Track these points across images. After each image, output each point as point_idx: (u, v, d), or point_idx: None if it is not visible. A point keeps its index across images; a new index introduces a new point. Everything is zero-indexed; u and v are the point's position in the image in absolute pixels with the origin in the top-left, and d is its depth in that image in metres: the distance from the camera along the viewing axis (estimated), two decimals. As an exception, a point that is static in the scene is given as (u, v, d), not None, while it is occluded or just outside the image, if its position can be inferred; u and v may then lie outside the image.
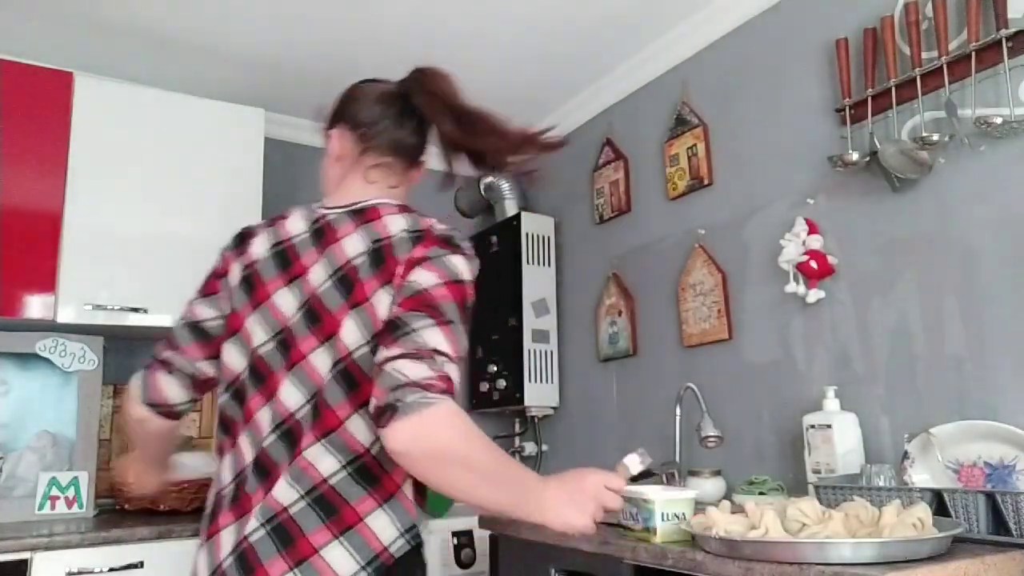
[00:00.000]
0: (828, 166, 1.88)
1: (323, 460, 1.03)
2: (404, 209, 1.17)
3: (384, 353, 0.97)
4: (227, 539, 1.05)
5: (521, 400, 2.80)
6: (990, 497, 1.29)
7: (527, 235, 2.93)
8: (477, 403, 3.07)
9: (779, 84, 2.12)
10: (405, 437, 0.92)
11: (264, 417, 1.08)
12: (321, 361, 1.06)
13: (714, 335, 2.22)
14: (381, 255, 1.08)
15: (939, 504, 1.35)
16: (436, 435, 0.93)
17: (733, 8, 2.24)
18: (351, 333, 1.05)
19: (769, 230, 2.07)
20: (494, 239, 3.08)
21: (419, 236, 1.10)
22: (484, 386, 3.00)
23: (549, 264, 2.96)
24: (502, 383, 2.87)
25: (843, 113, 1.87)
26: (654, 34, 2.45)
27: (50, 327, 2.24)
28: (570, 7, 2.28)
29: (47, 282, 2.15)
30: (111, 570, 1.86)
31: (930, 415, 1.65)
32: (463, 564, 2.36)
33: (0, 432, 2.21)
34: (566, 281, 2.95)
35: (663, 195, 2.48)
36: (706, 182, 2.31)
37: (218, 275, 1.24)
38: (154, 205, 2.31)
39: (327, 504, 1.01)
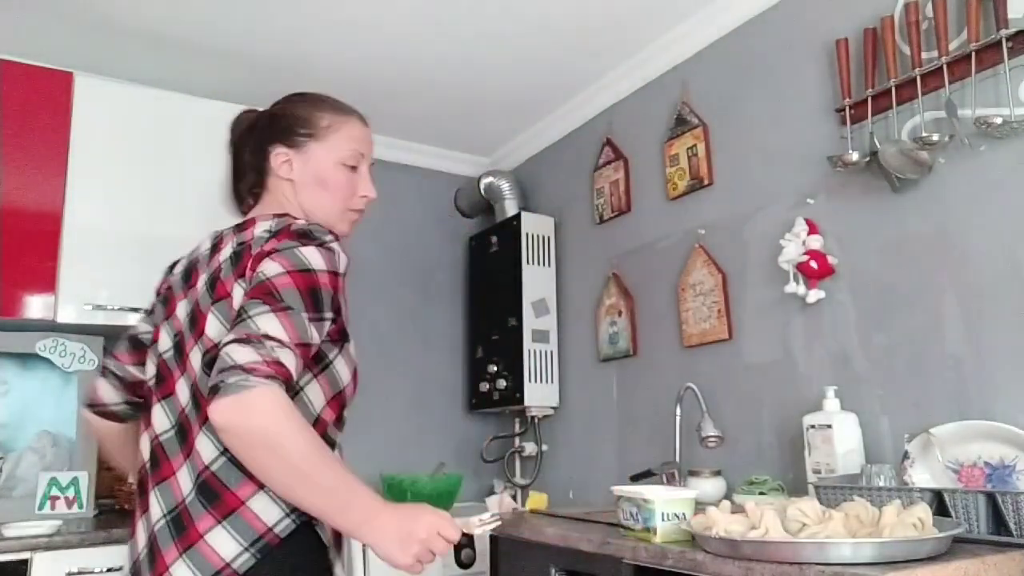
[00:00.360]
0: (828, 166, 1.88)
1: (204, 447, 1.08)
2: (281, 216, 1.22)
3: (224, 339, 1.02)
4: (140, 530, 1.14)
5: (521, 400, 2.80)
6: (990, 497, 1.29)
7: (527, 235, 2.93)
8: (477, 403, 3.07)
9: (779, 84, 2.12)
10: (221, 417, 0.95)
11: (159, 416, 1.17)
12: (195, 357, 1.14)
13: (714, 335, 2.22)
14: (240, 254, 1.16)
15: (939, 504, 1.35)
16: (249, 416, 0.95)
17: (733, 8, 2.24)
18: (212, 327, 1.13)
19: (769, 230, 2.07)
20: (494, 239, 3.08)
21: (275, 233, 1.15)
22: (484, 386, 3.00)
23: (549, 264, 2.96)
24: (502, 383, 2.87)
25: (843, 113, 1.87)
26: (654, 34, 2.45)
27: (50, 327, 2.24)
28: (570, 7, 2.28)
29: (47, 282, 2.15)
30: (111, 570, 1.86)
31: (930, 415, 1.65)
32: (463, 564, 2.36)
33: (0, 432, 2.22)
34: (566, 281, 2.95)
35: (663, 195, 2.48)
36: (706, 182, 2.31)
37: (156, 294, 1.37)
38: (154, 205, 2.31)
39: (209, 490, 1.06)
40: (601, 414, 2.68)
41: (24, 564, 1.78)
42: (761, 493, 1.81)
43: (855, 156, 1.80)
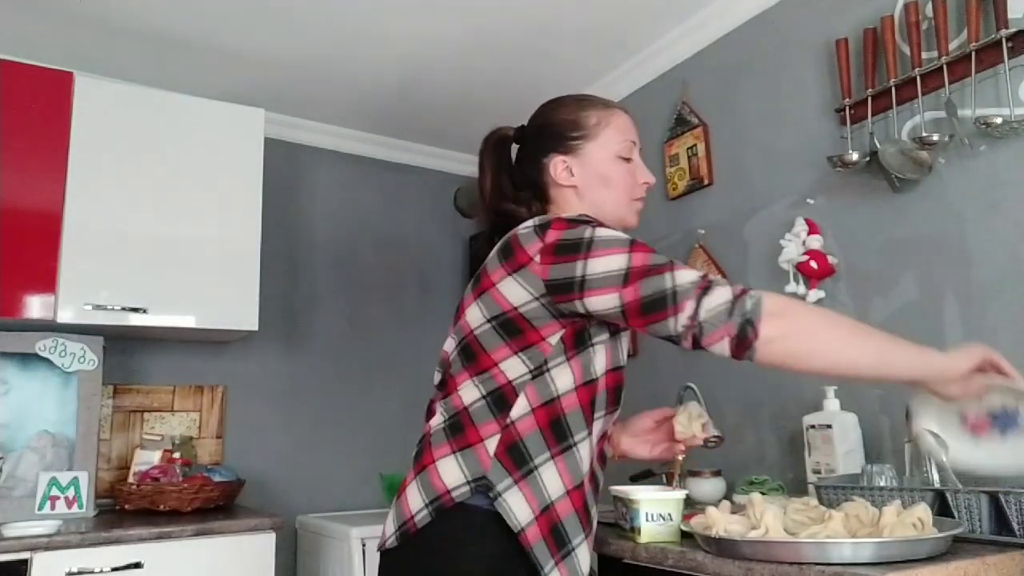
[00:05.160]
0: (828, 166, 1.88)
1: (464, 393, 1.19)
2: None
3: (656, 329, 1.07)
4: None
5: (521, 400, 2.79)
6: (993, 497, 1.29)
7: (527, 235, 2.92)
8: (477, 403, 3.07)
9: (779, 84, 2.12)
10: (767, 330, 1.03)
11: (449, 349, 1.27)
12: (451, 341, 1.25)
13: (714, 335, 2.21)
14: (508, 246, 1.19)
15: (941, 503, 1.34)
16: (794, 316, 1.05)
17: (733, 8, 2.24)
18: (472, 313, 1.19)
19: (769, 230, 2.07)
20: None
21: (548, 227, 1.16)
22: (484, 386, 2.99)
23: (549, 264, 2.95)
24: (502, 383, 2.86)
25: (843, 113, 1.87)
26: (654, 34, 2.45)
27: (50, 327, 2.24)
28: (570, 7, 2.28)
29: (47, 282, 2.15)
30: (111, 570, 1.86)
31: (930, 415, 1.65)
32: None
33: (0, 432, 2.21)
34: (566, 281, 2.94)
35: (663, 195, 2.48)
36: (706, 182, 2.31)
37: None
38: (154, 205, 2.31)
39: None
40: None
41: (24, 564, 1.78)
42: (761, 493, 1.80)
43: (855, 156, 1.80)
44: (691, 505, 1.89)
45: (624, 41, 2.49)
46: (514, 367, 1.13)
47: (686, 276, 1.06)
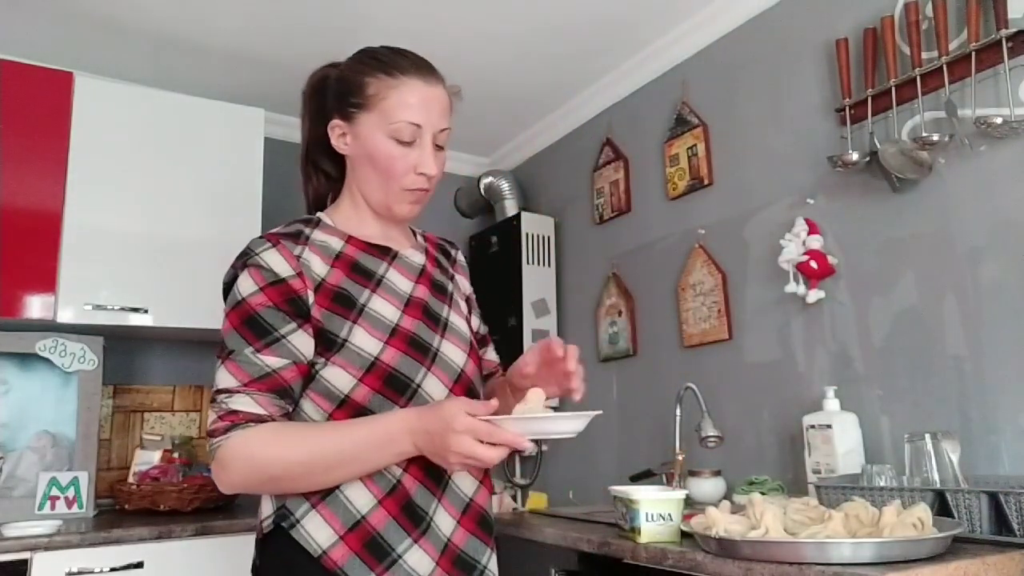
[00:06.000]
0: (828, 166, 1.88)
1: None
2: None
3: None
4: None
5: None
6: (993, 497, 1.29)
7: (527, 235, 2.93)
8: (477, 403, 3.07)
9: (779, 84, 2.12)
10: (218, 483, 1.04)
11: None
12: None
13: (714, 335, 2.22)
14: None
15: (941, 503, 1.34)
16: (229, 471, 1.01)
17: (733, 8, 2.24)
18: None
19: (769, 230, 2.07)
20: (494, 239, 3.08)
21: None
22: (484, 386, 3.00)
23: (549, 264, 2.96)
24: (502, 383, 2.87)
25: (843, 113, 1.87)
26: (654, 34, 2.45)
27: (50, 327, 2.24)
28: (570, 7, 2.28)
29: (47, 282, 2.15)
30: (111, 570, 1.86)
31: (930, 415, 1.65)
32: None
33: (0, 432, 2.22)
34: (566, 281, 2.95)
35: (663, 195, 2.48)
36: (706, 182, 2.31)
37: None
38: (154, 205, 2.31)
39: None
40: (601, 414, 2.67)
41: (24, 564, 1.78)
42: (761, 493, 1.80)
43: (855, 156, 1.80)
44: (691, 505, 1.89)
45: (624, 41, 2.49)
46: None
47: (219, 378, 1.04)
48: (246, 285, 1.08)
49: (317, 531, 1.04)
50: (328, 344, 1.07)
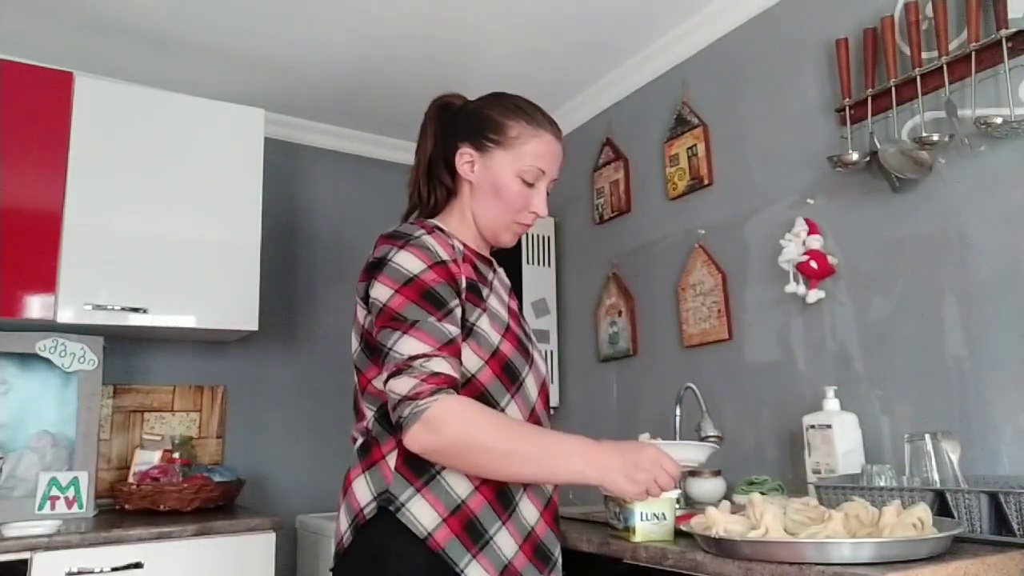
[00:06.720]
0: (828, 166, 1.88)
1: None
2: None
3: (381, 379, 1.11)
4: None
5: (521, 400, 2.79)
6: (993, 497, 1.29)
7: (527, 235, 2.93)
8: (477, 403, 3.07)
9: (779, 84, 2.12)
10: (417, 444, 1.04)
11: None
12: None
13: (714, 335, 2.22)
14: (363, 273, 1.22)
15: (941, 503, 1.34)
16: (437, 433, 1.03)
17: (733, 8, 2.24)
18: (353, 344, 1.25)
19: (769, 230, 2.07)
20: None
21: (376, 243, 1.20)
22: (484, 386, 2.99)
23: (549, 264, 2.96)
24: (502, 383, 2.87)
25: (843, 113, 1.87)
26: (654, 34, 2.45)
27: (50, 327, 2.24)
28: (570, 7, 2.28)
29: (47, 282, 2.15)
30: (111, 570, 1.86)
31: (930, 415, 1.65)
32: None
33: (0, 432, 2.22)
34: (566, 281, 2.95)
35: (663, 195, 2.48)
36: (706, 182, 2.31)
37: None
38: (154, 205, 2.31)
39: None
40: (601, 414, 2.68)
41: (24, 564, 1.78)
42: (761, 493, 1.80)
43: (855, 156, 1.80)
44: (691, 505, 1.89)
45: (624, 41, 2.49)
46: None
47: (406, 345, 1.07)
48: (413, 263, 1.14)
49: (423, 514, 1.10)
50: (463, 327, 1.16)
